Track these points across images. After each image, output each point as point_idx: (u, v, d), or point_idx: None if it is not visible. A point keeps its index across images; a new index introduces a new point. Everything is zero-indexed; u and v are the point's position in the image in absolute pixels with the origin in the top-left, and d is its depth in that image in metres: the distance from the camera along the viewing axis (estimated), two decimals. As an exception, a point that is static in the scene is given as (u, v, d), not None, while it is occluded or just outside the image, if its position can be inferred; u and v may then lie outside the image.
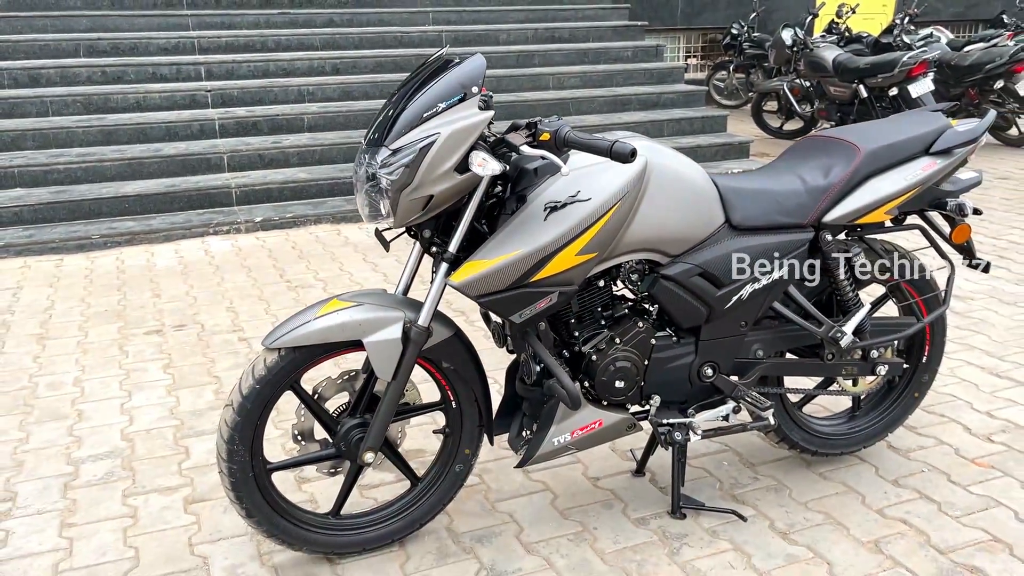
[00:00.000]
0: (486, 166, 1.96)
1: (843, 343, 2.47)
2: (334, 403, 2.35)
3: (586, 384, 2.34)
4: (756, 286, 2.35)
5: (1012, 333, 3.90)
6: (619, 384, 2.29)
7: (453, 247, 2.09)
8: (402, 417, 2.32)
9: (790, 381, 2.86)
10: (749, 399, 2.45)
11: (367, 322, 2.11)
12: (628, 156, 1.88)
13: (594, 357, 2.31)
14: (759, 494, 2.62)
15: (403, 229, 2.14)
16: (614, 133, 2.29)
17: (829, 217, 2.40)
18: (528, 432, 2.37)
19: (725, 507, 2.51)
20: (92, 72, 6.99)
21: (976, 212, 2.57)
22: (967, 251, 2.66)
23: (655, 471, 2.75)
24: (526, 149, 2.00)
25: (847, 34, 9.52)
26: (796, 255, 2.38)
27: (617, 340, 2.30)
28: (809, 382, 3.09)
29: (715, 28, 12.62)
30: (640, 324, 2.31)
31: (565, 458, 2.81)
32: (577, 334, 2.32)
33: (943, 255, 2.63)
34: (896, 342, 2.62)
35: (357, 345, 2.12)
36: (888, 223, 2.52)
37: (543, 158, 2.04)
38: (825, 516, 2.49)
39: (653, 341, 2.34)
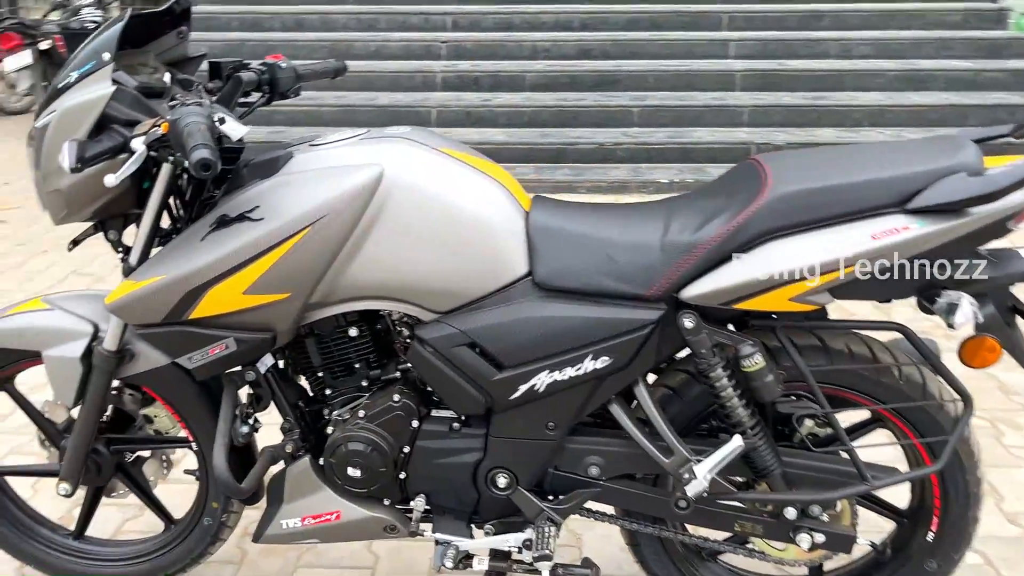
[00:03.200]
0: (120, 171, 1.45)
1: (690, 488, 1.57)
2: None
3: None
4: (558, 376, 1.57)
5: None
6: (353, 472, 1.68)
7: (133, 258, 1.64)
8: (155, 446, 1.95)
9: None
10: (552, 530, 1.68)
11: (49, 332, 1.76)
12: (198, 167, 1.28)
13: (330, 429, 1.73)
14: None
15: (89, 225, 1.73)
16: (393, 129, 1.65)
17: (688, 292, 1.51)
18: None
19: None
20: (348, 19, 7.28)
21: (1005, 322, 1.48)
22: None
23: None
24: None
25: None
26: (629, 341, 1.54)
27: (362, 413, 1.69)
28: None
29: None
30: (396, 399, 1.67)
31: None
32: (329, 392, 1.75)
33: (953, 385, 1.57)
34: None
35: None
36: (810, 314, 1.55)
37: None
38: None
39: (415, 423, 1.68)
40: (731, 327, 1.58)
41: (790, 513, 1.62)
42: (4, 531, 2.01)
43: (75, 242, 1.74)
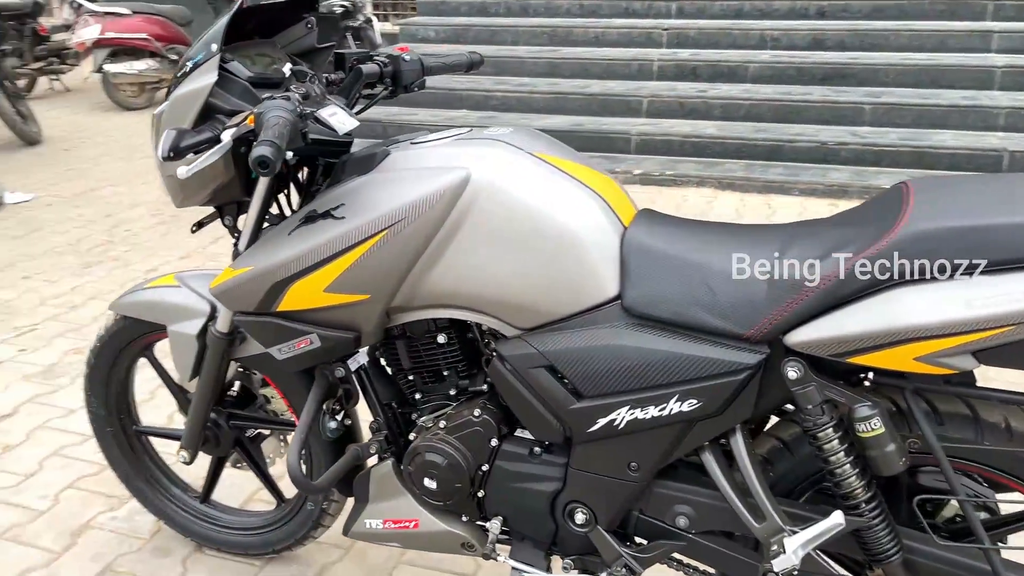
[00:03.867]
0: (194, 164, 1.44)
1: (778, 562, 1.34)
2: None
3: (414, 466, 1.71)
4: (639, 415, 1.40)
5: None
6: (429, 483, 1.62)
7: (241, 245, 1.67)
8: (268, 426, 2.01)
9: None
10: None
11: (173, 308, 1.84)
12: (256, 164, 1.24)
13: (412, 436, 1.67)
14: None
15: (210, 211, 1.78)
16: (493, 129, 1.56)
17: (794, 338, 1.28)
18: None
19: None
20: (572, 5, 7.22)
21: None
22: None
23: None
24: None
25: None
26: (722, 385, 1.34)
27: (443, 424, 1.62)
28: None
29: None
30: (477, 414, 1.58)
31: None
32: (419, 396, 1.70)
33: None
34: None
35: None
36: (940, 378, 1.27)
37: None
38: None
39: (494, 442, 1.58)
40: (851, 383, 1.34)
41: (921, 612, 1.36)
42: (142, 486, 2.16)
43: (198, 224, 1.80)
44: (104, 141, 7.10)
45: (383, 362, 1.75)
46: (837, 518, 1.30)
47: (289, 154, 1.49)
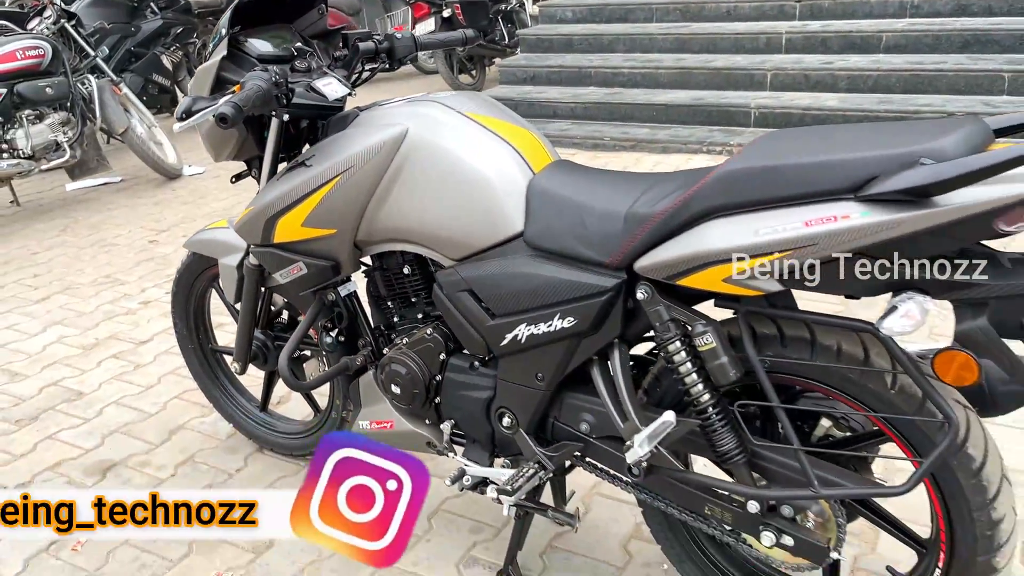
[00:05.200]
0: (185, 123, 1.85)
1: (629, 455, 1.57)
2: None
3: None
4: (534, 330, 1.67)
5: None
6: (395, 389, 1.97)
7: (260, 186, 2.08)
8: (314, 350, 2.42)
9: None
10: (534, 473, 1.79)
11: (223, 245, 2.29)
12: (217, 119, 1.62)
13: (386, 350, 2.02)
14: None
15: (244, 166, 2.19)
16: (439, 93, 1.87)
17: (638, 264, 1.50)
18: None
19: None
20: (707, -20, 7.23)
21: (983, 336, 1.25)
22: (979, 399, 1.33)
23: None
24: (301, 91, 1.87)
25: None
26: (590, 305, 1.58)
27: (405, 340, 1.96)
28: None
29: None
30: (429, 332, 1.91)
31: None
32: (396, 320, 2.04)
33: (933, 402, 1.36)
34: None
35: None
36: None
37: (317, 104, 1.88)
38: None
39: (443, 356, 1.90)
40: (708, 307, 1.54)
41: (752, 507, 1.55)
42: (217, 395, 2.65)
43: (237, 176, 2.23)
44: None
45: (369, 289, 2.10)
46: (668, 417, 1.52)
47: (286, 116, 1.89)
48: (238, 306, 2.31)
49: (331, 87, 1.93)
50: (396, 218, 1.80)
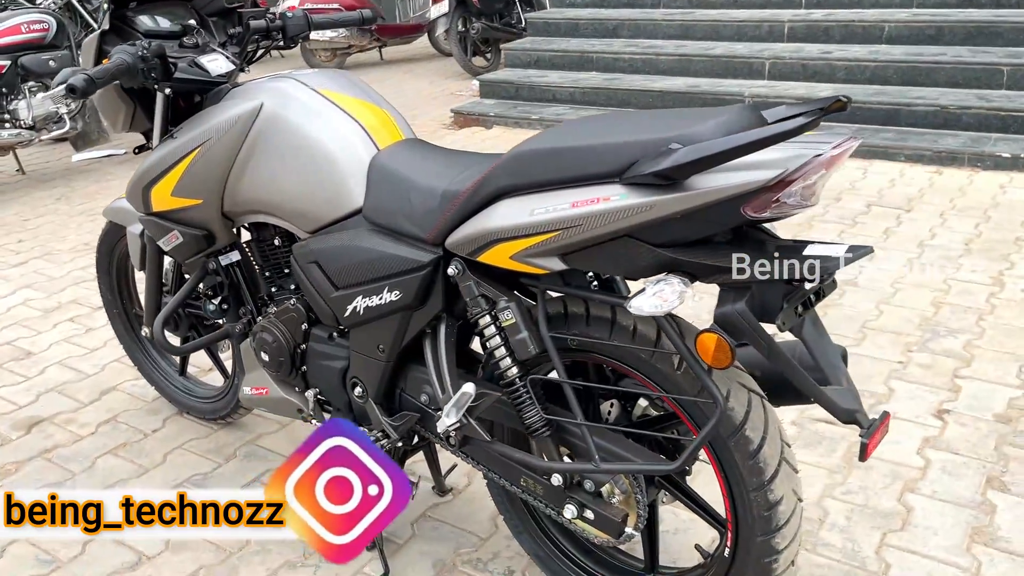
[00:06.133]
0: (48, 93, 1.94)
1: (439, 424, 1.62)
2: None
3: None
4: (369, 303, 1.73)
5: None
6: (264, 356, 2.04)
7: (154, 144, 2.13)
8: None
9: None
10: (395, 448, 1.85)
11: (131, 213, 2.38)
12: (67, 91, 1.70)
13: (259, 318, 2.10)
14: None
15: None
16: (300, 71, 1.93)
17: (449, 240, 1.55)
18: None
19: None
20: (717, -34, 7.15)
21: (737, 320, 1.27)
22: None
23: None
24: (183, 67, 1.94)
25: None
26: (411, 279, 1.64)
27: (273, 310, 2.03)
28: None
29: None
30: (293, 302, 1.98)
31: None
32: (275, 290, 2.12)
33: (701, 381, 1.39)
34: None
35: None
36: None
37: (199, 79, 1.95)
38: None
39: (304, 326, 1.97)
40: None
41: (555, 480, 1.59)
42: (141, 359, 2.76)
43: (139, 148, 2.31)
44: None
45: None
46: (467, 388, 1.57)
47: (167, 90, 1.97)
48: (140, 272, 2.40)
49: (216, 63, 2.00)
50: (255, 190, 1.87)
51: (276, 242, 2.01)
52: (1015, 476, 2.23)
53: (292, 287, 2.05)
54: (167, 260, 2.34)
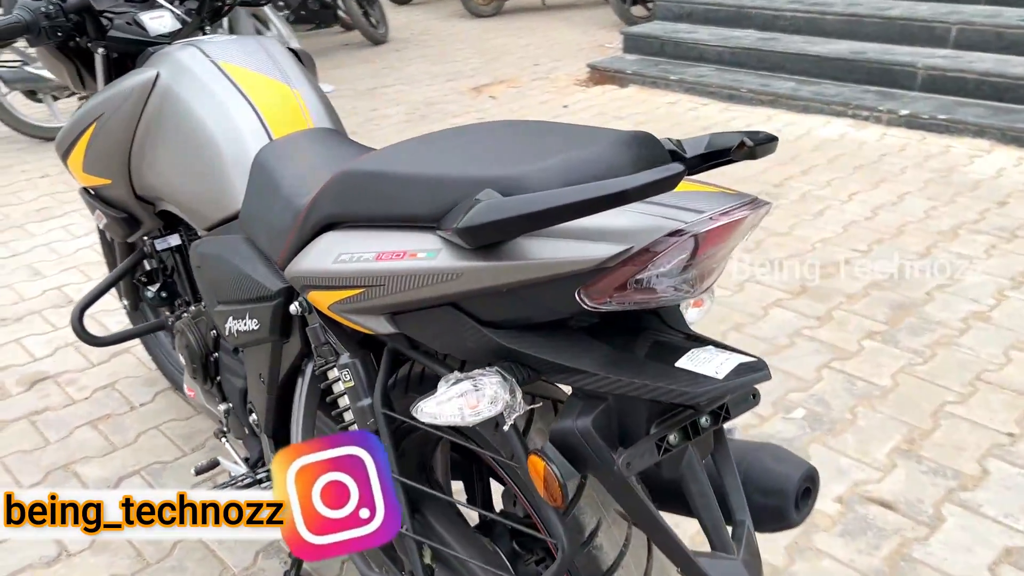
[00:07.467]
0: None
1: None
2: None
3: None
4: (239, 327, 1.42)
5: None
6: (182, 358, 1.80)
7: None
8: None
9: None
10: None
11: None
12: None
13: (184, 314, 1.85)
14: None
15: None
16: (212, 36, 1.64)
17: (288, 270, 1.21)
18: None
19: None
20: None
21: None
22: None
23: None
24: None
25: None
26: (263, 309, 1.31)
27: (193, 310, 1.78)
28: None
29: None
30: (205, 305, 1.71)
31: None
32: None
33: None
34: None
35: None
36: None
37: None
38: None
39: (214, 333, 1.71)
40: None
41: None
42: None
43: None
44: (435, 44, 7.86)
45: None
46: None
47: (101, 50, 1.74)
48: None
49: (159, 20, 1.74)
50: (155, 176, 1.61)
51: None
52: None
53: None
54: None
